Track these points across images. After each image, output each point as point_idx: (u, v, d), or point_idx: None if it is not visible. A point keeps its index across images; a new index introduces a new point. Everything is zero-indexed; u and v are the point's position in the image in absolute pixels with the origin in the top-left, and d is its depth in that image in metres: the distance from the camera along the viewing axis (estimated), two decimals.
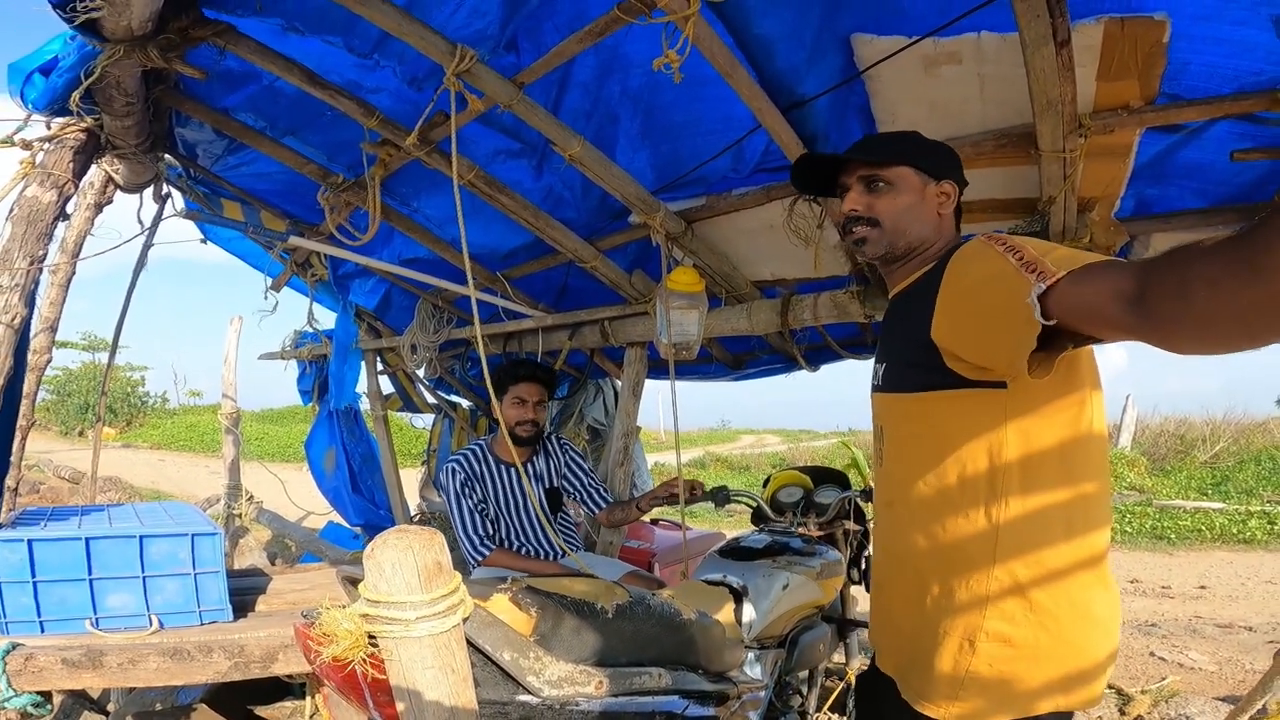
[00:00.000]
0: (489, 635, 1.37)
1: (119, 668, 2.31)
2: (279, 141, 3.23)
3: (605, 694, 1.53)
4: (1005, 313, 1.33)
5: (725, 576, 2.49)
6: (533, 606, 1.53)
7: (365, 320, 5.15)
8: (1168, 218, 2.65)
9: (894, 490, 1.77)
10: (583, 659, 1.56)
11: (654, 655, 1.72)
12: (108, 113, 2.71)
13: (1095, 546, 1.55)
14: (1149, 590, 7.46)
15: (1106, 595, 1.57)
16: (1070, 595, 1.52)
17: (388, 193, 3.46)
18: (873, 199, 1.75)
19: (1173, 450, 14.22)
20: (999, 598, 1.53)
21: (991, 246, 1.44)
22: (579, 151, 2.65)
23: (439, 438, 5.82)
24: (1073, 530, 1.53)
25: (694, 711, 1.80)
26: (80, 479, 12.21)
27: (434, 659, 1.13)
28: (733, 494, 3.33)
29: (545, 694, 1.43)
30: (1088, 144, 2.21)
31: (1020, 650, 1.53)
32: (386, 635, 1.14)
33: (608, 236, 3.49)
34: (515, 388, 3.51)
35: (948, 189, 1.75)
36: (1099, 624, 1.56)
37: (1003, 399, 1.50)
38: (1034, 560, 1.52)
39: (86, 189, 3.55)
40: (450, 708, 1.14)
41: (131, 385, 27.73)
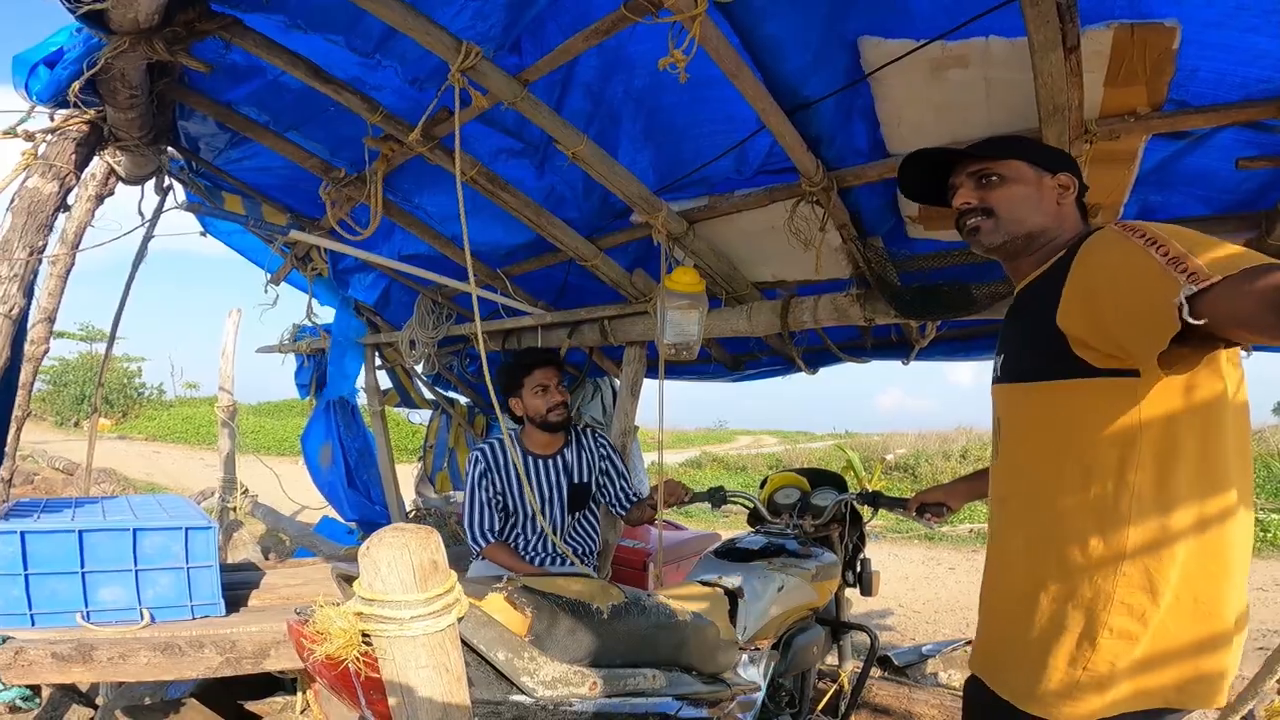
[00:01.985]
0: (484, 635, 1.37)
1: (109, 662, 2.30)
2: (282, 136, 3.22)
3: (599, 695, 1.52)
4: (1146, 309, 1.31)
5: (720, 578, 2.48)
6: (528, 606, 1.52)
7: (364, 315, 5.14)
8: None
9: (1011, 483, 1.74)
10: (577, 659, 1.55)
11: (649, 656, 1.71)
12: (111, 105, 2.71)
13: (1231, 543, 1.50)
14: None
15: (1235, 594, 1.52)
16: (1196, 592, 1.48)
17: (390, 188, 3.45)
18: (984, 192, 1.77)
19: None
20: (1127, 594, 1.49)
21: (1129, 237, 1.41)
22: (583, 150, 2.64)
23: (436, 434, 5.82)
24: (1207, 526, 1.48)
25: (687, 713, 1.79)
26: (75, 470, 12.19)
27: (428, 658, 1.12)
28: (729, 495, 3.32)
29: (539, 694, 1.42)
30: (1093, 150, 2.20)
31: (1145, 647, 1.49)
32: (381, 634, 1.13)
33: (609, 235, 3.48)
34: (531, 378, 3.40)
35: (1065, 181, 1.74)
36: (1226, 625, 1.51)
37: (1134, 388, 1.46)
38: (1166, 554, 1.48)
39: (88, 180, 3.57)
40: (443, 707, 1.13)
41: (128, 377, 27.71)
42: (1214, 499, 1.47)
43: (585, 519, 3.60)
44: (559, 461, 3.51)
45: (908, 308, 2.92)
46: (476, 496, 3.38)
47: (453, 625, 1.16)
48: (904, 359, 3.90)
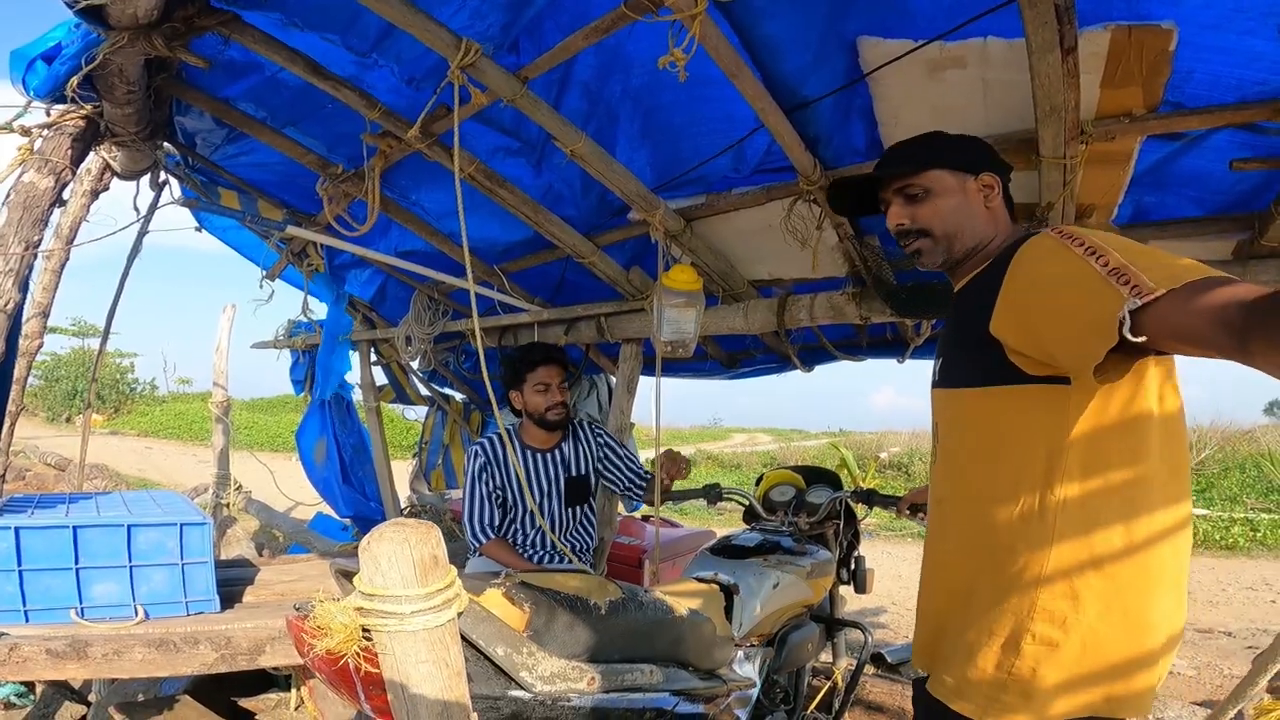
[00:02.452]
0: (483, 630, 1.37)
1: (104, 658, 2.29)
2: (279, 132, 3.22)
3: (597, 690, 1.53)
4: (1085, 321, 1.28)
5: (716, 574, 2.48)
6: (526, 602, 1.52)
7: (360, 311, 5.14)
8: (1165, 225, 2.65)
9: (947, 487, 1.73)
10: (575, 655, 1.56)
11: (645, 652, 1.72)
12: (109, 100, 2.70)
13: (1160, 554, 1.48)
14: None
15: (1166, 606, 1.50)
16: (1125, 604, 1.47)
17: (387, 185, 3.45)
18: (914, 209, 1.72)
19: None
20: (1050, 601, 1.49)
21: (1068, 246, 1.38)
22: (581, 147, 2.64)
23: (431, 430, 5.82)
24: (1134, 536, 1.46)
25: (684, 708, 1.80)
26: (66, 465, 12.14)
27: (428, 653, 1.13)
28: (725, 492, 3.33)
29: (537, 689, 1.43)
30: (1088, 150, 2.21)
31: (1069, 655, 1.48)
32: (381, 629, 1.13)
33: (606, 233, 3.48)
34: (534, 374, 3.36)
35: (989, 180, 1.70)
36: (1154, 635, 1.49)
37: (1065, 396, 1.44)
38: (1089, 564, 1.47)
39: (83, 176, 3.54)
40: (443, 702, 1.14)
41: (120, 372, 27.62)
42: (1141, 511, 1.46)
43: (583, 516, 3.59)
44: (556, 455, 3.50)
45: (903, 306, 2.93)
46: (476, 491, 3.37)
47: (453, 620, 1.16)
48: (899, 357, 3.91)
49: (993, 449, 1.57)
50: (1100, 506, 1.45)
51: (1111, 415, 1.44)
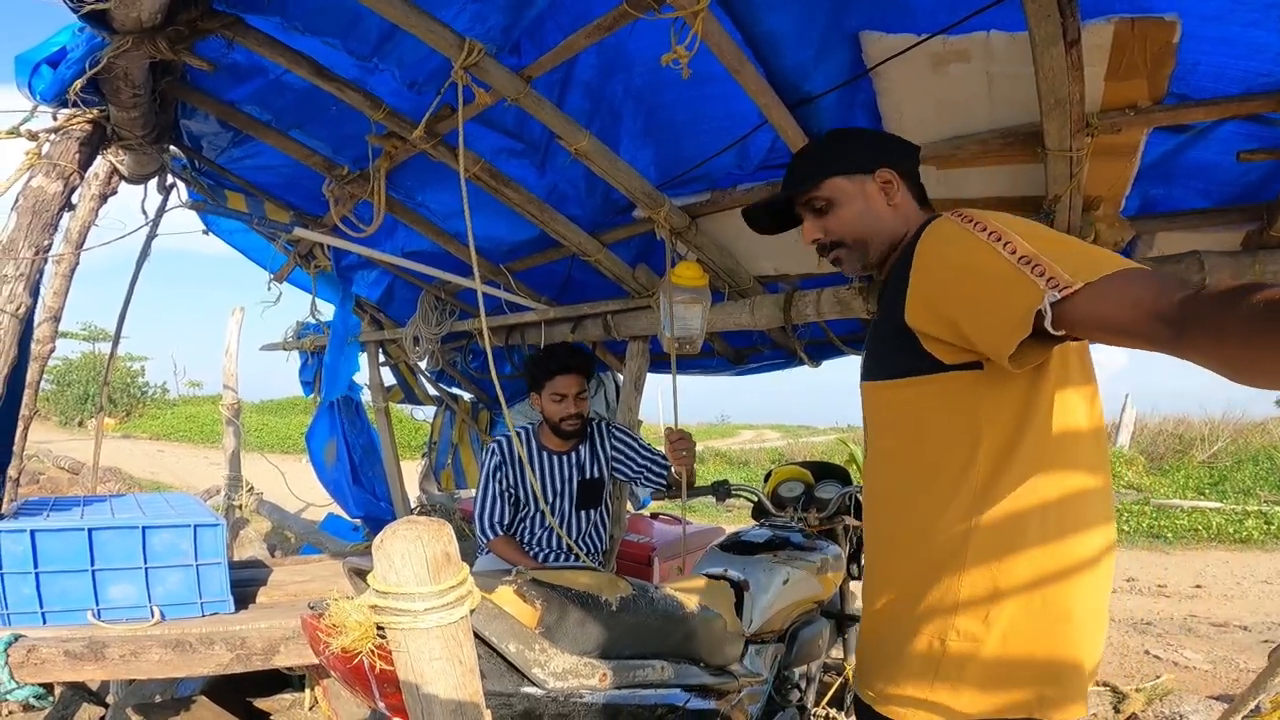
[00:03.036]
0: (495, 627, 1.38)
1: (121, 660, 2.31)
2: (285, 134, 3.24)
3: (609, 686, 1.54)
4: (1001, 313, 1.27)
5: (726, 571, 2.50)
6: (538, 599, 1.53)
7: (368, 312, 5.16)
8: (1173, 217, 2.64)
9: (875, 481, 1.73)
10: (587, 651, 1.56)
11: (656, 648, 1.73)
12: (114, 104, 2.71)
13: (1082, 546, 1.46)
14: (1145, 589, 7.48)
15: (1088, 597, 1.48)
16: (1045, 593, 1.45)
17: (393, 186, 3.46)
18: (823, 222, 1.73)
19: (1171, 449, 14.24)
20: (972, 595, 1.48)
21: (970, 231, 1.38)
22: (585, 145, 2.65)
23: (440, 430, 5.84)
24: (1054, 528, 1.44)
25: (695, 704, 1.81)
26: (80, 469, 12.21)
27: (441, 650, 1.14)
28: (734, 488, 3.33)
29: (550, 686, 1.44)
30: (1094, 143, 2.21)
31: (992, 649, 1.47)
32: (395, 626, 1.14)
33: (611, 231, 3.49)
34: (552, 383, 3.35)
35: (885, 176, 1.68)
36: (1077, 627, 1.47)
37: (978, 383, 1.44)
38: (1008, 557, 1.45)
39: (91, 180, 3.56)
40: (457, 699, 1.15)
41: (131, 376, 27.73)
42: (1060, 499, 1.45)
43: (596, 519, 3.60)
44: (572, 459, 3.51)
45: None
46: (490, 489, 3.38)
47: (465, 617, 1.17)
48: None
49: (912, 441, 1.56)
50: (1020, 497, 1.43)
51: (1025, 403, 1.44)
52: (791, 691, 2.64)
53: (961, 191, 2.63)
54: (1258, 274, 2.44)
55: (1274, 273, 2.44)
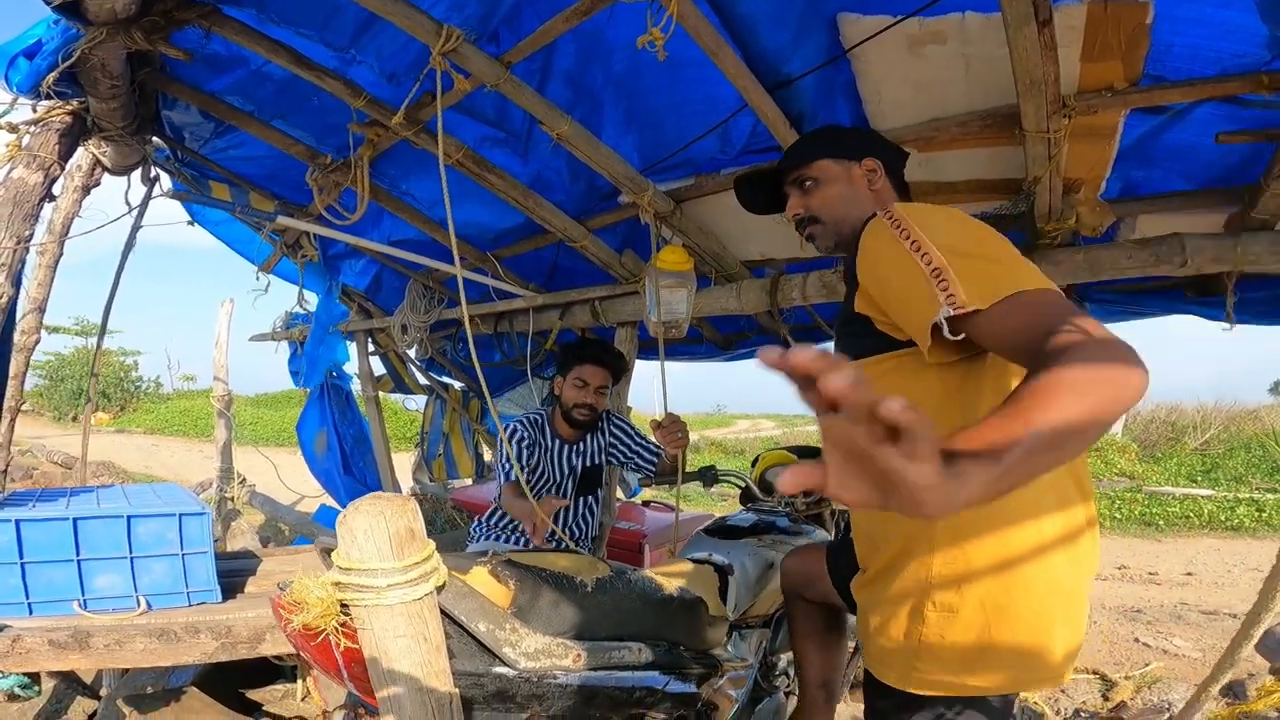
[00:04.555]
0: (464, 606, 1.35)
1: (105, 649, 2.32)
2: (267, 124, 3.23)
3: (583, 667, 1.53)
4: (914, 317, 1.37)
5: (711, 555, 2.49)
6: (511, 579, 1.52)
7: (356, 301, 5.14)
8: (1154, 199, 2.65)
9: None
10: (561, 632, 1.54)
11: (634, 630, 1.70)
12: (93, 95, 2.72)
13: (1051, 520, 1.47)
14: (1136, 576, 7.50)
15: (1064, 572, 1.49)
16: (1016, 570, 1.46)
17: (377, 174, 3.47)
18: (806, 198, 1.81)
19: (1163, 437, 14.28)
20: (944, 566, 1.50)
21: (896, 236, 1.43)
22: (567, 130, 2.65)
23: (430, 420, 5.82)
24: (1023, 504, 1.46)
25: (674, 687, 1.79)
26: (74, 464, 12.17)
27: (406, 627, 1.12)
28: (721, 474, 3.33)
29: (521, 666, 1.42)
30: (1072, 125, 2.21)
31: (970, 619, 1.48)
32: (358, 603, 1.13)
33: (597, 216, 3.49)
34: (580, 369, 3.37)
35: (871, 164, 1.76)
36: (1052, 602, 1.48)
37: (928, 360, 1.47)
38: (975, 529, 1.47)
39: (74, 171, 3.61)
40: (422, 677, 1.14)
41: (125, 370, 27.64)
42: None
43: (588, 504, 3.66)
44: (578, 447, 3.56)
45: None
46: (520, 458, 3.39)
47: (431, 594, 1.17)
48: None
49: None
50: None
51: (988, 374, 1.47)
52: (778, 677, 2.65)
53: (943, 175, 2.64)
54: (1239, 256, 2.45)
55: (1256, 254, 2.44)
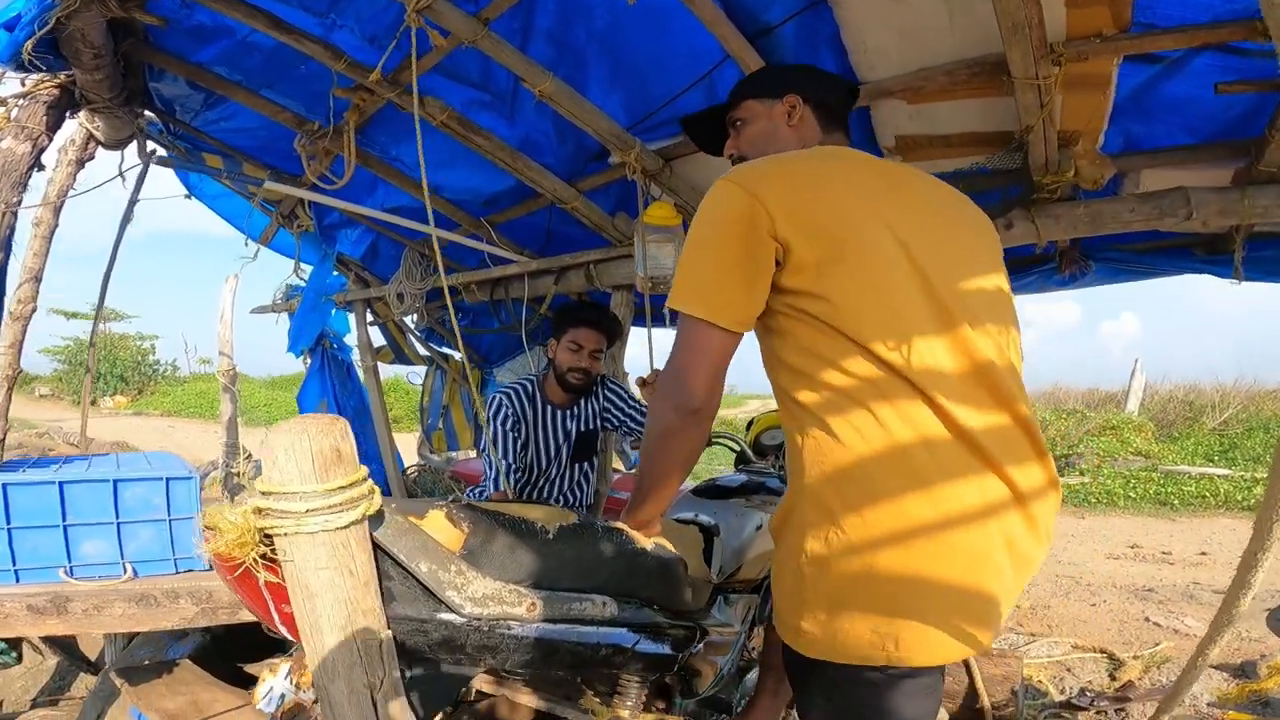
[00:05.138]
0: (405, 543, 1.25)
1: (84, 614, 2.31)
2: (254, 92, 3.23)
3: (539, 618, 1.44)
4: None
5: (697, 515, 2.41)
6: (465, 522, 1.41)
7: (353, 270, 5.11)
8: (1156, 154, 2.59)
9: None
10: (515, 579, 1.43)
11: (599, 583, 1.58)
12: (77, 66, 2.74)
13: (917, 469, 1.35)
14: (1149, 555, 7.39)
15: (948, 552, 1.35)
16: (884, 523, 1.35)
17: (368, 141, 3.45)
18: (736, 139, 1.82)
19: (1181, 417, 14.08)
20: (814, 515, 1.41)
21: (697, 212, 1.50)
22: (549, 87, 2.61)
23: (430, 392, 5.79)
24: (869, 436, 1.36)
25: (646, 647, 1.68)
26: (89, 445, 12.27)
27: (329, 559, 1.04)
28: (714, 436, 3.28)
29: (468, 611, 1.32)
30: (1063, 73, 2.15)
31: (843, 570, 1.38)
32: (278, 530, 1.04)
33: (587, 178, 3.46)
34: (575, 331, 3.32)
35: (791, 100, 1.73)
36: (936, 548, 1.35)
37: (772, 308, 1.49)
38: (834, 474, 1.39)
39: (68, 145, 3.61)
40: (348, 615, 1.06)
41: (142, 354, 27.79)
42: (883, 419, 1.36)
43: (585, 470, 3.64)
44: (571, 412, 3.53)
45: None
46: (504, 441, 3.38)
47: (360, 525, 1.08)
48: None
49: (769, 370, 1.58)
50: (829, 408, 1.40)
51: (804, 323, 1.43)
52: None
53: (935, 127, 2.58)
54: (1246, 209, 2.40)
55: (1264, 207, 2.39)
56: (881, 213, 1.43)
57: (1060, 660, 4.47)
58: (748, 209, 1.41)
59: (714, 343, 1.44)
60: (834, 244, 1.39)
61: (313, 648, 1.06)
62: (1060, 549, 7.61)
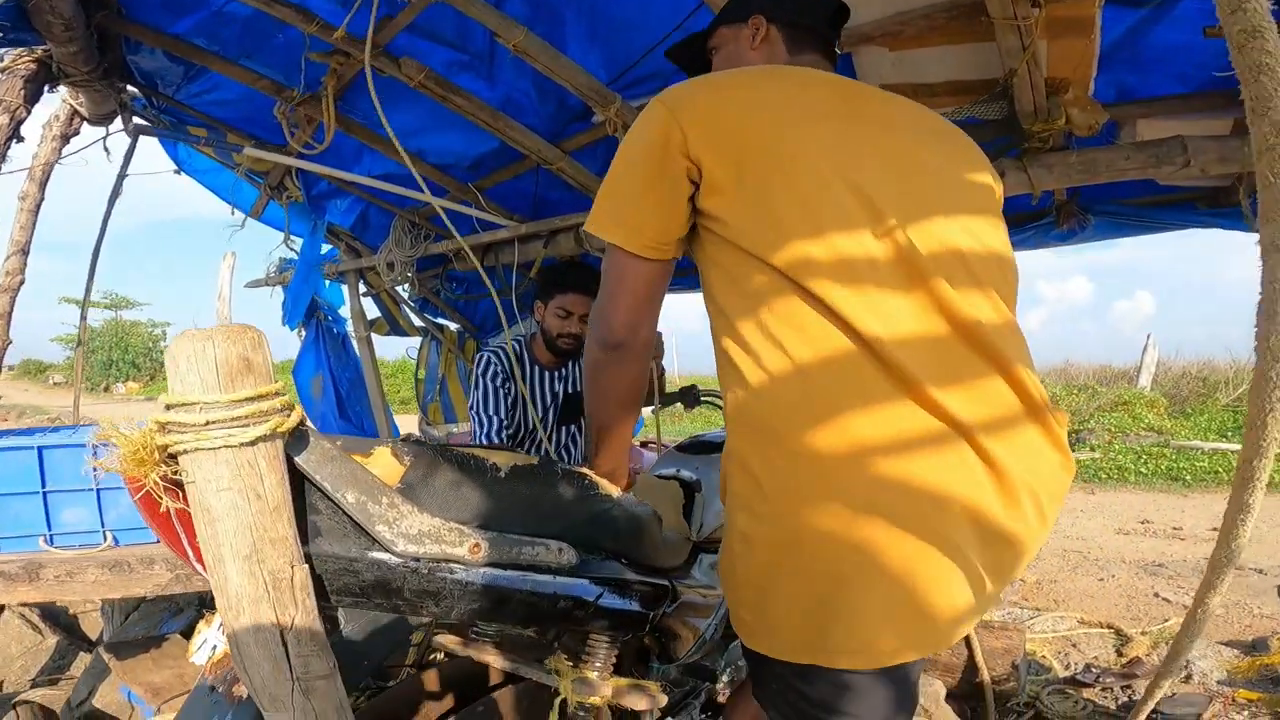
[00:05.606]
0: (329, 470, 1.14)
1: (56, 581, 2.30)
2: (234, 63, 3.21)
3: (484, 560, 1.29)
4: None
5: (679, 471, 2.28)
6: (408, 456, 1.29)
7: (344, 240, 5.07)
8: (1152, 103, 2.54)
9: None
10: (459, 519, 1.30)
11: (558, 529, 1.42)
12: (51, 39, 2.74)
13: (850, 428, 1.18)
14: (1159, 531, 7.29)
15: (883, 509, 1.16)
16: (809, 493, 1.20)
17: (350, 108, 3.42)
18: (711, 66, 1.74)
19: (1194, 392, 13.93)
20: (740, 491, 1.29)
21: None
22: (522, 40, 2.57)
23: (426, 363, 5.74)
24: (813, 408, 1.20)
25: (610, 601, 1.54)
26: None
27: (232, 479, 0.95)
28: (703, 394, 3.23)
29: (400, 548, 1.20)
30: (1045, 15, 2.07)
31: (765, 544, 1.25)
32: (178, 446, 0.95)
33: (572, 138, 3.41)
34: (562, 298, 3.24)
35: (755, 22, 1.63)
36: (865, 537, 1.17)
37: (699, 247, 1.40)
38: (759, 438, 1.25)
39: (53, 121, 3.68)
40: (253, 543, 0.96)
41: (153, 340, 28.05)
42: (817, 377, 1.21)
43: (570, 434, 3.62)
44: (559, 373, 3.51)
45: None
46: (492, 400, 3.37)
47: (272, 443, 0.99)
48: None
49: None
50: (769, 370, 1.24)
51: (726, 255, 1.32)
52: None
53: (921, 76, 2.51)
54: (1247, 157, 2.31)
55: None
56: (821, 135, 1.29)
57: (1066, 636, 4.41)
58: (663, 126, 1.32)
59: (631, 270, 1.37)
60: (754, 163, 1.27)
61: (216, 580, 0.98)
62: (1069, 524, 7.54)
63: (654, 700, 1.70)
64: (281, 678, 1.03)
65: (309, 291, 5.02)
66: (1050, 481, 1.25)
